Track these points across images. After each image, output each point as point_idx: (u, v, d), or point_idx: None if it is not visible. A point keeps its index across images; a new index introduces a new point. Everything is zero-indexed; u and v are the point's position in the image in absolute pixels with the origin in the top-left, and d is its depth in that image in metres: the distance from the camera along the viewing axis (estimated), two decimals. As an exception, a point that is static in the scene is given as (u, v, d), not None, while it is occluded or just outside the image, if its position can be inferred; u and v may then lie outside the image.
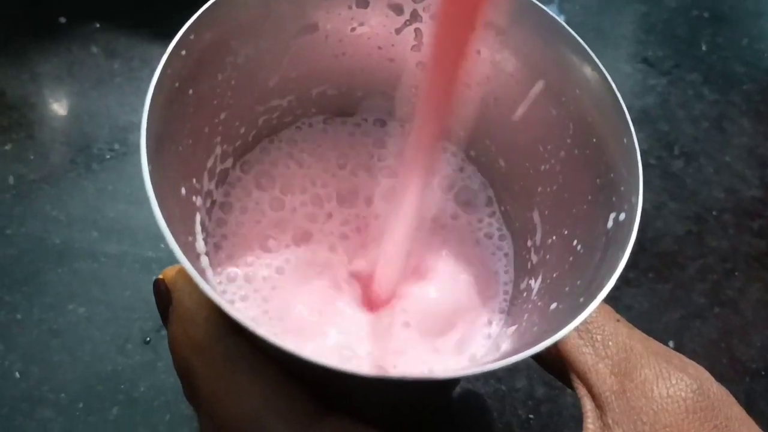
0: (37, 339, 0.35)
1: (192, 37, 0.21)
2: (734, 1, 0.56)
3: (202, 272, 0.23)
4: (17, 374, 0.34)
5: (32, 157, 0.41)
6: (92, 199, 0.40)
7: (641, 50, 0.52)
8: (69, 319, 0.36)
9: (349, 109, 0.29)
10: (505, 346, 0.24)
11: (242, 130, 0.26)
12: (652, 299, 0.41)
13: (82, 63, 0.45)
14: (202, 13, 0.21)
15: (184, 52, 0.21)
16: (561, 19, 0.23)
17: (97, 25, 0.46)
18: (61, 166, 0.41)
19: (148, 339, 0.36)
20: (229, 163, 0.26)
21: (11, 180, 0.40)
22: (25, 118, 0.42)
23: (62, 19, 0.45)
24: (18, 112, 0.42)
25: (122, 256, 0.38)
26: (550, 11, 0.23)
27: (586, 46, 0.22)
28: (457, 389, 0.36)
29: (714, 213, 0.45)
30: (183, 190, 0.22)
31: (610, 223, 0.21)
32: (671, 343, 0.39)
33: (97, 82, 0.44)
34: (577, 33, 0.23)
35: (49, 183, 0.40)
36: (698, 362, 0.24)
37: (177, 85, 0.21)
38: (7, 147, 0.41)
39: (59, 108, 0.43)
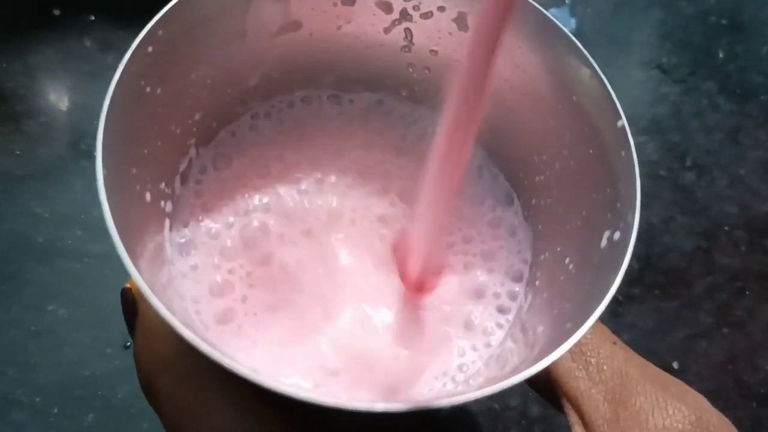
0: (14, 339, 0.35)
1: (160, 32, 0.19)
2: (754, 8, 0.54)
3: (166, 285, 0.21)
4: (-10, 376, 0.33)
5: (18, 152, 0.40)
6: (79, 197, 0.39)
7: (655, 57, 0.50)
8: (49, 320, 0.35)
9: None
10: (491, 369, 0.22)
11: (220, 133, 0.25)
12: (657, 317, 0.39)
13: (75, 56, 0.44)
14: (171, 7, 0.20)
15: (150, 49, 0.19)
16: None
17: (92, 18, 0.45)
18: (49, 162, 0.40)
19: (128, 344, 0.34)
20: (203, 164, 0.25)
21: (-5, 175, 0.39)
22: (14, 111, 0.41)
23: (56, 11, 0.44)
24: (6, 104, 0.41)
25: (106, 256, 0.37)
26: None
27: (584, 51, 0.21)
28: (447, 407, 0.34)
29: (725, 229, 0.43)
30: (148, 196, 0.21)
31: (603, 242, 0.20)
32: (675, 365, 0.38)
33: (90, 75, 0.43)
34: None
35: (35, 178, 0.39)
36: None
37: (143, 83, 0.19)
38: (-7, 140, 0.40)
39: (49, 101, 0.42)
